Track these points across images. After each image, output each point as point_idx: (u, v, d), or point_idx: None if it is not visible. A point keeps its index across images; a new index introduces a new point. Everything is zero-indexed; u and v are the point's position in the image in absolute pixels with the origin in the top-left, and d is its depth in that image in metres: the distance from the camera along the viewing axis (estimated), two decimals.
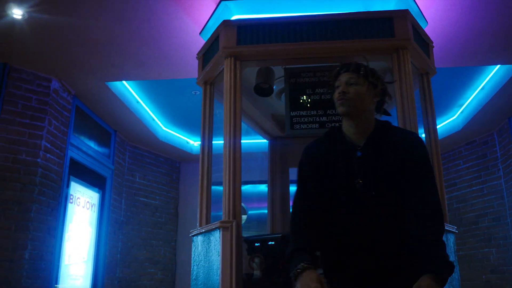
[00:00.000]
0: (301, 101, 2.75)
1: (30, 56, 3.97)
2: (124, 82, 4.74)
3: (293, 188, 4.48)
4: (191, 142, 6.51)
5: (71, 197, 4.63)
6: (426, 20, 3.05)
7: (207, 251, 2.60)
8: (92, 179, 5.10)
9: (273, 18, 2.76)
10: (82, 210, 4.88)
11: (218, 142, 3.10)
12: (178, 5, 3.26)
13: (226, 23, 2.74)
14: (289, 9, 2.88)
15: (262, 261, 2.49)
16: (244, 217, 6.43)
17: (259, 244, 2.61)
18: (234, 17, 2.89)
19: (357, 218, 1.58)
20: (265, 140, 3.98)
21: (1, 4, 3.25)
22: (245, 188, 5.75)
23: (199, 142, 6.71)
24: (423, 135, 2.76)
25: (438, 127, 5.86)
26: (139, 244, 5.97)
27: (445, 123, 5.77)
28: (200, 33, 3.18)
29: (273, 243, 2.65)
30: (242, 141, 2.65)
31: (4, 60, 4.03)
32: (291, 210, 1.75)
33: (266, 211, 6.85)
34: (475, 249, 5.77)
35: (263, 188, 6.30)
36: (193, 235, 2.80)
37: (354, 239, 1.58)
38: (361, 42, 2.64)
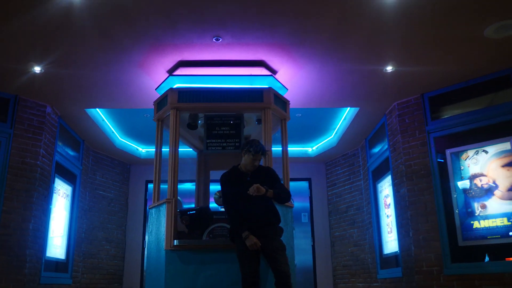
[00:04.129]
0: (213, 133, 5.20)
1: (33, 90, 6.11)
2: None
3: (213, 186, 6.92)
4: (140, 149, 8.79)
5: (55, 189, 6.80)
6: (286, 87, 5.62)
7: (158, 216, 4.97)
8: (67, 176, 7.27)
9: (198, 88, 5.20)
10: (61, 199, 7.05)
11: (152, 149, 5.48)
12: (142, 69, 5.58)
13: (172, 90, 5.15)
14: (208, 82, 5.32)
15: (188, 219, 4.90)
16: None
17: (190, 212, 5.01)
18: (176, 85, 5.27)
19: (251, 206, 4.13)
20: (195, 152, 6.38)
21: (27, 65, 5.41)
22: (182, 186, 8.06)
23: (146, 149, 9.02)
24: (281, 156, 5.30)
25: (322, 143, 8.61)
26: (98, 227, 8.18)
27: (327, 140, 8.50)
28: (156, 89, 5.55)
29: (194, 212, 5.07)
30: (180, 150, 5.04)
31: (15, 93, 6.15)
32: (224, 204, 4.29)
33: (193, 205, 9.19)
34: (345, 231, 8.54)
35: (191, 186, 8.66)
36: (150, 208, 5.16)
37: (251, 216, 4.13)
38: (246, 104, 5.16)
